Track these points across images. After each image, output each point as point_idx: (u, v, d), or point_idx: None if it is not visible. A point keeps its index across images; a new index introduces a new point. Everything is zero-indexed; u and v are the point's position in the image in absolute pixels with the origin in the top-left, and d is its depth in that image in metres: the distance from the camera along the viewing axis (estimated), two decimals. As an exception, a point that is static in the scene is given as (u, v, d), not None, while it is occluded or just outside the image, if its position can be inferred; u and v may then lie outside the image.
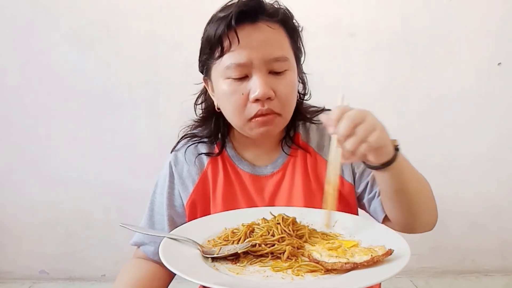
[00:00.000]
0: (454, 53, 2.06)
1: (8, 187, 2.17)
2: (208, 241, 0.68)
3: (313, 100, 0.95)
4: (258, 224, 0.70)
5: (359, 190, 0.88)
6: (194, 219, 0.86)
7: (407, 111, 2.10)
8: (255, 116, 0.80)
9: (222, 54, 0.80)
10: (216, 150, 0.92)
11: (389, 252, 0.57)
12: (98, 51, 2.05)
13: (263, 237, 0.65)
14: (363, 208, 0.91)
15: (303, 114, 0.92)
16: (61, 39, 2.04)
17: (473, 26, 2.04)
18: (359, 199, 0.89)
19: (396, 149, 0.68)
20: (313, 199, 0.84)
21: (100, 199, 2.15)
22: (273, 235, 0.66)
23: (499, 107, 2.11)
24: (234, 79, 0.79)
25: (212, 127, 0.92)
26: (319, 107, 0.95)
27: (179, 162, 0.92)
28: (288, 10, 0.84)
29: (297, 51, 0.87)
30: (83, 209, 2.17)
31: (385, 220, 0.84)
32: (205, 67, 0.87)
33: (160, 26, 2.03)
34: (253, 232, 0.67)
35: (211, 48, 0.81)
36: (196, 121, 0.96)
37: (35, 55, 2.06)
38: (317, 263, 0.58)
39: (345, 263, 0.56)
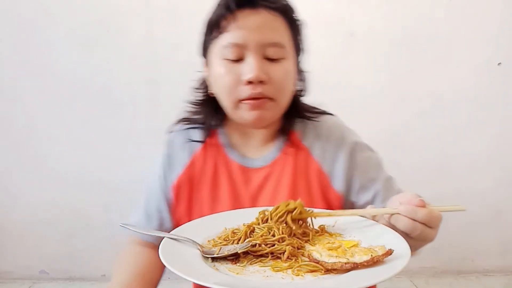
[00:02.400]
0: (454, 53, 2.06)
1: (8, 187, 2.17)
2: (208, 241, 0.68)
3: (313, 99, 0.95)
4: (259, 224, 0.69)
5: (361, 203, 0.86)
6: (179, 203, 0.89)
7: (407, 111, 2.10)
8: (246, 99, 0.80)
9: (219, 34, 0.81)
10: (209, 138, 0.92)
11: (389, 252, 0.57)
12: (98, 51, 2.05)
13: (263, 237, 0.65)
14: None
15: (301, 111, 0.91)
16: (62, 39, 2.05)
17: (473, 26, 2.04)
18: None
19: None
20: (295, 198, 0.84)
21: (100, 199, 2.15)
22: (273, 235, 0.65)
23: (499, 107, 2.11)
24: (229, 60, 0.80)
25: (206, 112, 0.92)
26: (322, 110, 0.94)
27: (170, 144, 0.94)
28: (289, 2, 0.84)
29: (297, 44, 0.86)
30: (83, 209, 2.17)
31: None
32: (204, 49, 0.88)
33: (160, 26, 2.03)
34: (253, 232, 0.67)
35: (211, 29, 0.83)
36: (192, 104, 0.96)
37: (35, 55, 2.06)
38: (317, 263, 0.58)
39: (345, 263, 0.56)
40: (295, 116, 0.91)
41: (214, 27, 0.82)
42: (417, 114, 2.10)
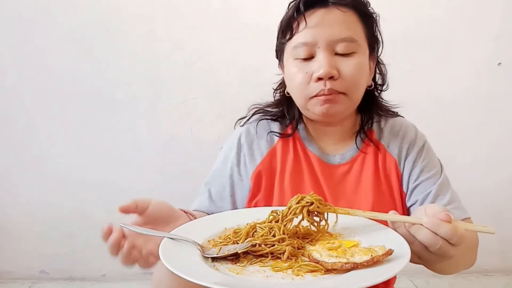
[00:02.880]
0: (454, 53, 2.06)
1: (8, 187, 2.17)
2: (208, 241, 0.68)
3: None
4: (261, 223, 0.69)
5: (408, 204, 0.88)
6: (258, 191, 0.88)
7: (407, 111, 2.09)
8: (317, 95, 0.80)
9: (291, 36, 0.83)
10: (288, 131, 0.93)
11: (389, 252, 0.57)
12: (98, 51, 2.05)
13: (263, 237, 0.65)
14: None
15: (378, 107, 0.93)
16: (61, 39, 2.04)
17: (473, 26, 2.04)
18: (408, 212, 0.89)
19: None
20: (381, 198, 0.84)
21: (100, 199, 2.15)
22: (274, 236, 0.65)
23: (499, 107, 2.11)
24: (301, 59, 0.81)
25: (285, 110, 0.94)
26: (394, 111, 0.99)
27: (250, 134, 0.94)
28: None
29: (371, 38, 0.87)
30: (83, 209, 2.17)
31: None
32: (279, 51, 0.90)
33: (160, 26, 2.03)
34: (255, 232, 0.67)
35: (283, 32, 0.86)
36: (270, 104, 0.97)
37: (35, 55, 2.06)
38: (317, 263, 0.58)
39: (345, 263, 0.56)
40: (372, 113, 0.92)
41: (286, 30, 0.84)
42: (417, 114, 2.09)
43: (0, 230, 2.20)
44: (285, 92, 0.91)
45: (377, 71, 0.94)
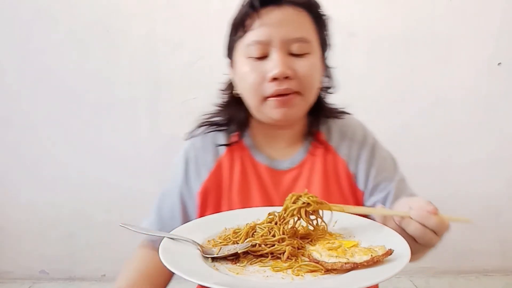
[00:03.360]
0: (454, 53, 2.06)
1: (8, 187, 2.17)
2: (208, 241, 0.68)
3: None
4: (261, 224, 0.69)
5: (370, 203, 0.86)
6: (205, 208, 0.86)
7: (407, 111, 2.10)
8: (272, 95, 0.78)
9: (244, 33, 0.80)
10: (234, 139, 0.90)
11: (389, 252, 0.57)
12: (98, 51, 2.05)
13: (263, 237, 0.65)
14: None
15: (326, 109, 0.91)
16: (61, 39, 2.05)
17: (473, 26, 2.04)
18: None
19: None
20: (331, 200, 0.83)
21: (100, 199, 2.15)
22: (274, 236, 0.65)
23: (499, 107, 2.11)
24: (254, 58, 0.79)
25: (230, 114, 0.90)
26: (342, 109, 0.94)
27: (195, 149, 0.91)
28: None
29: (323, 39, 0.86)
30: (83, 209, 2.17)
31: None
32: (229, 50, 0.87)
33: (160, 26, 2.03)
34: (255, 232, 0.67)
35: (235, 28, 0.83)
36: (217, 106, 0.94)
37: (34, 55, 2.06)
38: (317, 263, 0.58)
39: (345, 263, 0.56)
40: (320, 115, 0.90)
41: (238, 27, 0.82)
42: (417, 114, 2.10)
43: (0, 230, 2.20)
44: (234, 93, 0.88)
45: (325, 74, 0.91)
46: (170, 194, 0.91)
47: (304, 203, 0.68)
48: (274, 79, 0.77)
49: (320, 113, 0.90)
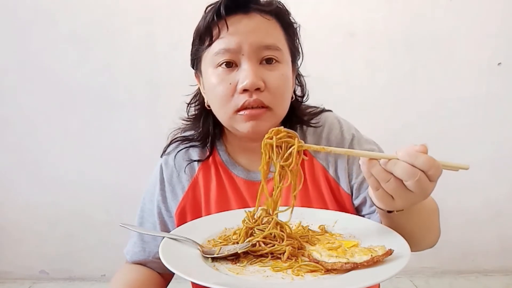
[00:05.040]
0: (454, 53, 2.06)
1: (8, 187, 2.17)
2: (208, 241, 0.68)
3: (313, 100, 0.94)
4: (259, 225, 0.69)
5: (357, 202, 0.84)
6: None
7: (407, 111, 2.10)
8: (242, 107, 0.75)
9: (211, 42, 0.77)
10: (208, 154, 0.87)
11: (389, 252, 0.57)
12: (97, 52, 2.05)
13: (263, 235, 0.65)
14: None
15: (301, 117, 0.87)
16: (61, 39, 2.05)
17: (473, 26, 2.04)
18: (357, 210, 0.85)
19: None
20: (310, 205, 0.81)
21: (100, 199, 2.15)
22: (274, 236, 0.65)
23: (499, 107, 2.11)
24: (223, 68, 0.76)
25: (202, 127, 0.87)
26: (317, 108, 0.91)
27: (168, 167, 0.88)
28: (284, 5, 0.82)
29: (293, 48, 0.83)
30: (83, 209, 2.17)
31: None
32: (195, 60, 0.84)
33: (160, 26, 2.03)
34: (254, 233, 0.67)
35: (201, 38, 0.79)
36: (186, 120, 0.91)
37: (34, 55, 2.06)
38: (317, 263, 0.58)
39: (345, 263, 0.56)
40: (295, 123, 0.87)
41: (204, 35, 0.78)
42: (417, 114, 2.10)
43: (0, 230, 2.20)
44: (206, 105, 0.84)
45: (297, 82, 0.89)
46: (150, 215, 0.89)
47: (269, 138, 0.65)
48: (245, 90, 0.74)
49: (294, 122, 0.86)
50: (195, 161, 0.87)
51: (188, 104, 0.93)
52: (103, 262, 2.18)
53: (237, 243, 0.65)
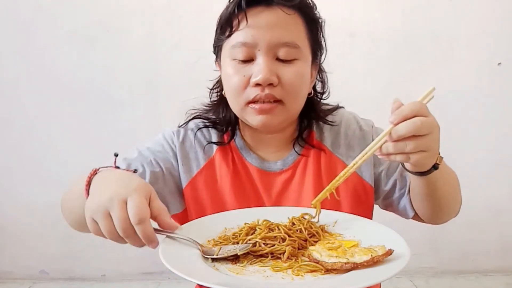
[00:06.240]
0: (454, 53, 2.06)
1: (8, 187, 2.17)
2: (208, 241, 0.68)
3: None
4: (260, 224, 0.69)
5: (387, 188, 0.85)
6: (193, 204, 0.84)
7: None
8: (254, 101, 0.75)
9: (230, 33, 0.77)
10: (226, 139, 0.87)
11: (389, 252, 0.57)
12: (98, 51, 2.05)
13: (263, 234, 0.65)
14: (389, 205, 0.89)
15: (319, 114, 0.87)
16: (61, 39, 2.05)
17: (473, 26, 2.04)
18: (387, 196, 0.87)
19: (437, 164, 0.68)
20: (325, 201, 0.79)
21: (100, 199, 2.15)
22: (272, 230, 0.65)
23: (499, 107, 2.11)
24: (238, 61, 0.76)
25: (222, 113, 0.87)
26: (332, 105, 0.91)
27: (187, 140, 0.87)
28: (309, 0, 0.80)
29: (315, 44, 0.83)
30: (83, 209, 2.17)
31: (414, 216, 0.85)
32: (216, 48, 0.84)
33: (160, 26, 2.03)
34: (255, 232, 0.67)
35: (222, 27, 0.79)
36: (206, 106, 0.91)
37: (35, 55, 2.06)
38: (317, 263, 0.58)
39: (345, 263, 0.56)
40: (312, 119, 0.88)
41: (224, 26, 0.78)
42: (417, 114, 2.10)
43: (0, 230, 2.20)
44: (222, 93, 0.85)
45: (319, 78, 0.89)
46: (141, 160, 0.85)
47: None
48: (257, 84, 0.74)
49: (311, 117, 0.87)
50: (214, 143, 0.87)
51: (211, 89, 0.92)
52: (103, 262, 2.18)
53: (237, 243, 0.65)
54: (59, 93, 2.09)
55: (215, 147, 0.87)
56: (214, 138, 0.88)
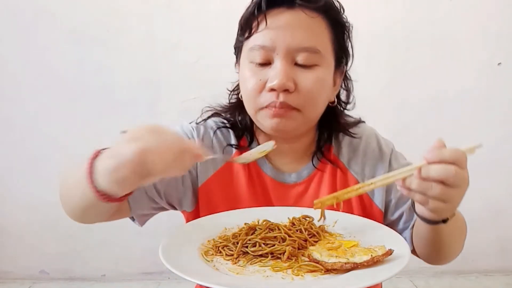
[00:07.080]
0: (454, 53, 2.06)
1: (8, 187, 2.17)
2: (208, 241, 0.68)
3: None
4: (260, 225, 0.69)
5: (393, 218, 0.82)
6: (206, 204, 0.81)
7: (407, 112, 2.10)
8: (268, 106, 0.72)
9: (249, 35, 0.74)
10: (244, 143, 0.84)
11: (389, 252, 0.57)
12: (98, 51, 2.05)
13: (263, 234, 0.65)
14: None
15: (343, 125, 0.83)
16: (62, 39, 2.05)
17: (473, 26, 2.04)
18: (391, 225, 0.82)
19: (447, 219, 0.65)
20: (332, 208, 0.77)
21: (100, 199, 2.15)
22: (272, 230, 0.65)
23: (499, 107, 2.11)
24: (256, 63, 0.73)
25: (238, 116, 0.84)
26: (354, 118, 0.87)
27: (206, 139, 0.83)
28: (334, 2, 0.77)
29: (340, 50, 0.79)
30: (83, 209, 2.17)
31: (412, 251, 0.80)
32: (236, 49, 0.82)
33: (160, 26, 2.03)
34: (255, 232, 0.67)
35: (242, 28, 0.77)
36: (223, 107, 0.87)
37: (35, 55, 2.06)
38: (317, 263, 0.58)
39: (345, 263, 0.56)
40: (332, 130, 0.84)
41: (244, 27, 0.75)
42: (418, 114, 2.10)
43: (0, 230, 2.20)
44: (239, 96, 0.81)
45: (343, 86, 0.85)
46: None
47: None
48: (272, 89, 0.71)
49: (332, 128, 0.83)
50: (232, 145, 0.84)
51: (231, 91, 0.88)
52: (103, 262, 2.17)
53: (237, 243, 0.65)
54: (60, 92, 2.08)
55: (234, 150, 0.84)
56: (233, 141, 0.84)
